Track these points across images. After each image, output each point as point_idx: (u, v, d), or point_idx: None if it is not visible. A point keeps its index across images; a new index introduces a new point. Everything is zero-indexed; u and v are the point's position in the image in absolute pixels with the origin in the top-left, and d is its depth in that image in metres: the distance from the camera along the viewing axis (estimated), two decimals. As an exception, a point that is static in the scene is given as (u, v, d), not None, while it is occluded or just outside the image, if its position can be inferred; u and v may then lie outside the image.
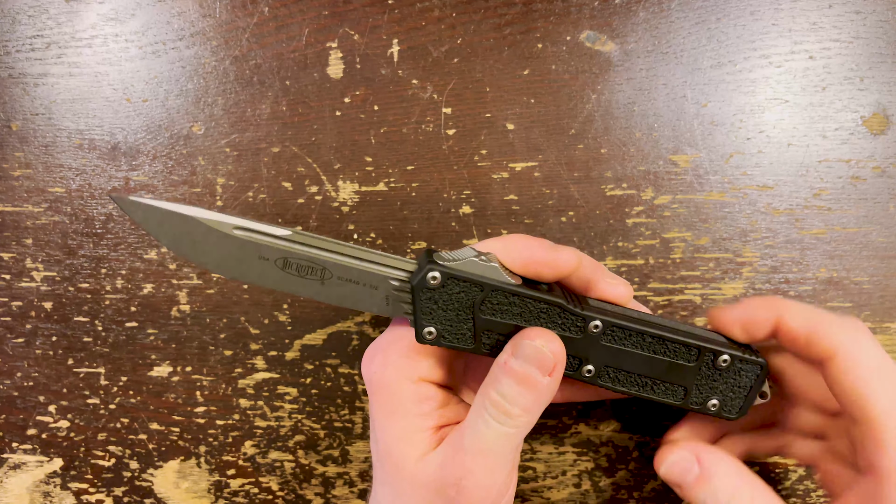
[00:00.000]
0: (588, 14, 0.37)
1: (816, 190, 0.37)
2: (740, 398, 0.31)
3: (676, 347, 0.30)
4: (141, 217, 0.28)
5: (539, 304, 0.28)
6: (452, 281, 0.28)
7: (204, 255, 0.28)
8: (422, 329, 0.28)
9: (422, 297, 0.28)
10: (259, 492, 0.42)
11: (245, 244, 0.28)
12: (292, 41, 0.38)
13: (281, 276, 0.28)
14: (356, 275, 0.28)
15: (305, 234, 0.28)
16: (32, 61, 0.40)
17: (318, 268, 0.28)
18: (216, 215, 0.28)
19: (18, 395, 0.42)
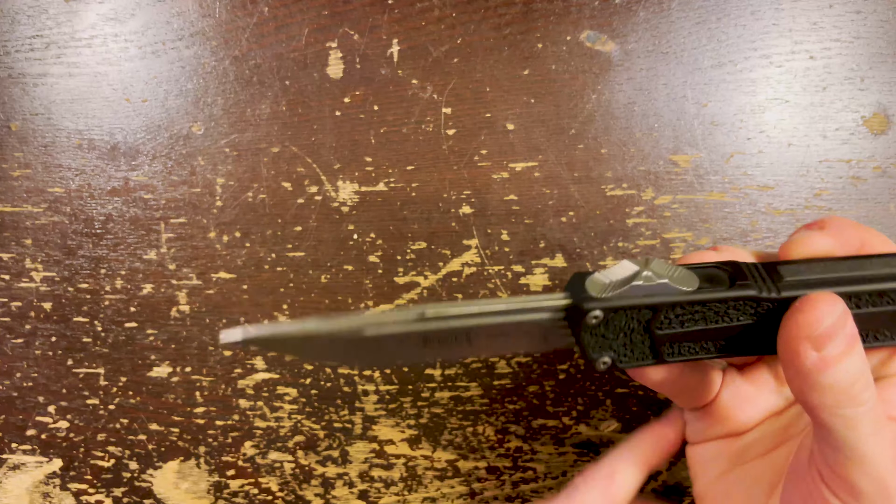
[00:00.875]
0: (588, 14, 0.37)
1: (817, 190, 0.37)
2: None
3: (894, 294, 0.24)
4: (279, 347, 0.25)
5: (724, 306, 0.24)
6: (617, 314, 0.24)
7: (346, 358, 0.26)
8: (596, 360, 0.25)
9: (584, 337, 0.25)
10: (259, 492, 0.42)
11: (381, 339, 0.25)
12: (292, 41, 0.38)
13: (425, 352, 0.26)
14: (503, 329, 0.25)
15: (438, 307, 0.25)
16: (32, 61, 0.40)
17: (462, 334, 0.25)
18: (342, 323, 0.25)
19: (18, 395, 0.42)
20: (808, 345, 0.22)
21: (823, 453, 0.23)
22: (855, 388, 0.21)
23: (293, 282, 0.40)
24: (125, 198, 0.40)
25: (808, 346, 0.22)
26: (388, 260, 0.39)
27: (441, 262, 0.39)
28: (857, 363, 0.22)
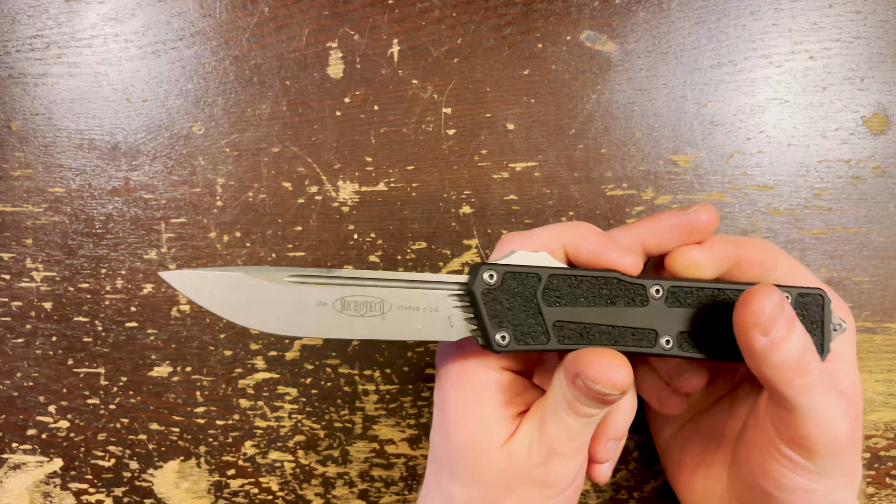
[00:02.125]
0: (588, 14, 0.37)
1: (817, 190, 0.37)
2: (817, 335, 0.29)
3: (738, 294, 0.28)
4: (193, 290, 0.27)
5: (597, 280, 0.28)
6: (509, 275, 0.27)
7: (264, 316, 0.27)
8: (494, 336, 0.28)
9: (484, 299, 0.27)
10: (259, 492, 0.42)
11: (301, 291, 0.27)
12: (292, 41, 0.38)
13: (341, 320, 0.27)
14: (415, 299, 0.28)
15: (358, 271, 0.28)
16: (32, 61, 0.40)
17: (377, 301, 0.27)
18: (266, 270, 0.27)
19: (18, 395, 0.42)
20: (757, 331, 0.26)
21: (780, 416, 0.27)
22: (802, 360, 0.26)
23: (293, 281, 0.40)
24: (126, 198, 0.40)
25: (756, 332, 0.26)
26: (389, 260, 0.39)
27: (441, 261, 0.39)
28: (800, 339, 0.26)
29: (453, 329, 0.28)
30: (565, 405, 0.28)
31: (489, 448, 0.29)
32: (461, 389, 0.30)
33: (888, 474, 0.39)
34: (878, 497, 0.39)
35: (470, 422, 0.29)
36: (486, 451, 0.29)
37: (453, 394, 0.30)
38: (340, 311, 0.27)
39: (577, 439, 0.28)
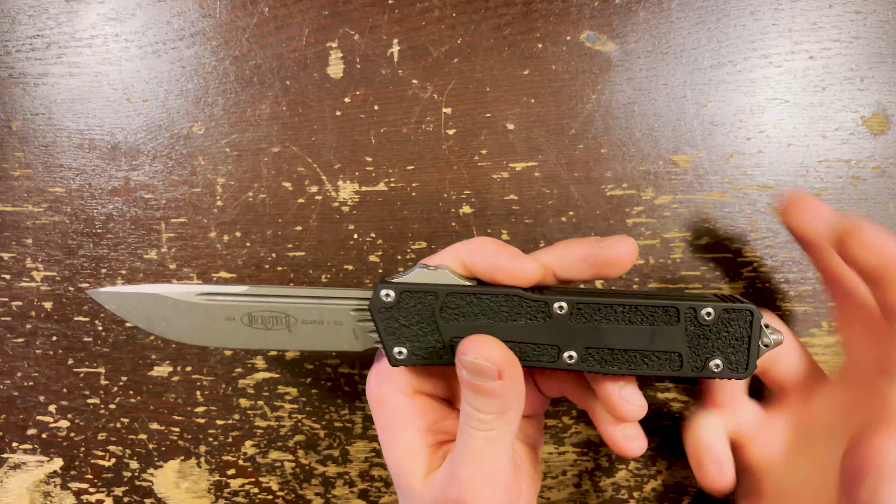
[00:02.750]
0: (588, 14, 0.37)
1: (817, 190, 0.37)
2: (742, 352, 0.28)
3: (652, 311, 0.28)
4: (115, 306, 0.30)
5: (497, 298, 0.28)
6: (406, 294, 0.28)
7: (177, 328, 0.30)
8: (391, 350, 0.28)
9: (381, 317, 0.28)
10: (259, 492, 0.42)
11: (210, 308, 0.29)
12: (292, 41, 0.38)
13: (250, 333, 0.29)
14: (318, 313, 0.29)
15: (263, 287, 0.29)
16: (32, 61, 0.40)
17: (282, 315, 0.29)
18: (179, 287, 0.30)
19: (18, 394, 0.42)
20: None
21: None
22: None
23: (294, 282, 0.40)
24: (126, 197, 0.40)
25: None
26: (389, 260, 0.39)
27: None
28: None
29: (358, 341, 0.29)
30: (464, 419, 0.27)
31: (412, 479, 0.29)
32: (381, 415, 0.30)
33: (888, 474, 0.39)
34: (878, 497, 0.39)
35: (394, 450, 0.30)
36: (409, 481, 0.29)
37: (377, 419, 0.30)
38: (248, 325, 0.29)
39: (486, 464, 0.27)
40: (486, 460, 0.27)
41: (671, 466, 0.40)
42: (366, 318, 0.29)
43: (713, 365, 0.29)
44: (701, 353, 0.29)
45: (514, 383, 0.27)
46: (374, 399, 0.30)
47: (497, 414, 0.27)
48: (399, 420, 0.30)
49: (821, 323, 0.38)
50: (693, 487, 0.40)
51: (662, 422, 0.39)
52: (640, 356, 0.29)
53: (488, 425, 0.27)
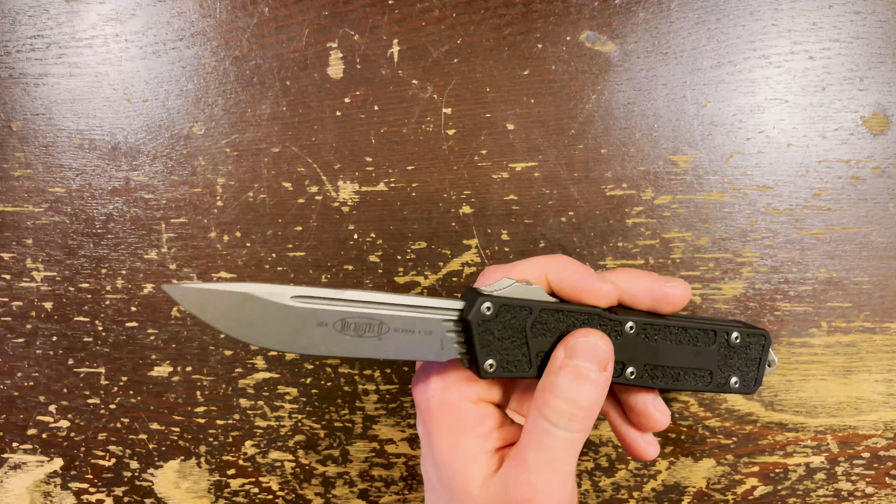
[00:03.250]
0: (588, 14, 0.37)
1: (816, 190, 0.37)
2: (753, 370, 0.32)
3: (698, 334, 0.31)
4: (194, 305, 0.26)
5: (581, 316, 0.30)
6: (504, 308, 0.29)
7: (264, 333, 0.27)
8: (483, 363, 0.29)
9: (478, 329, 0.28)
10: (259, 491, 0.42)
11: (304, 313, 0.27)
12: (292, 41, 0.38)
13: (339, 340, 0.28)
14: (411, 322, 0.28)
15: (361, 292, 0.28)
16: (33, 61, 0.40)
17: (376, 323, 0.28)
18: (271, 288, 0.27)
19: (19, 394, 0.42)
20: None
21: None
22: None
23: (294, 281, 0.40)
24: (126, 198, 0.40)
25: None
26: (389, 260, 0.39)
27: (441, 261, 0.39)
28: None
29: (443, 351, 0.29)
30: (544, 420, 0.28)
31: (470, 483, 0.29)
32: (444, 421, 0.30)
33: (888, 474, 0.39)
34: (878, 497, 0.39)
35: (455, 457, 0.29)
36: (466, 486, 0.29)
37: (438, 426, 0.30)
38: (340, 332, 0.28)
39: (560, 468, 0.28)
40: (562, 463, 0.28)
41: (671, 466, 0.40)
42: (456, 329, 0.29)
43: (733, 382, 0.32)
44: (725, 372, 0.32)
45: (609, 383, 0.29)
46: (438, 404, 0.30)
47: (588, 410, 0.28)
48: (464, 425, 0.30)
49: (820, 323, 0.38)
50: (693, 487, 0.40)
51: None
52: (683, 372, 0.31)
53: (577, 424, 0.28)
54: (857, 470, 0.39)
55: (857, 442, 0.39)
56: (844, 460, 0.39)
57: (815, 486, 0.39)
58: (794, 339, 0.38)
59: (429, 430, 0.30)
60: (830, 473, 0.39)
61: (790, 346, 0.38)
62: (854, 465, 0.39)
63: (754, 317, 0.38)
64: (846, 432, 0.39)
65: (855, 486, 0.39)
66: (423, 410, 0.30)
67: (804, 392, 0.38)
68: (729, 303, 0.38)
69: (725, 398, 0.39)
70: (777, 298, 0.38)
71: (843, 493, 0.39)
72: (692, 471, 0.39)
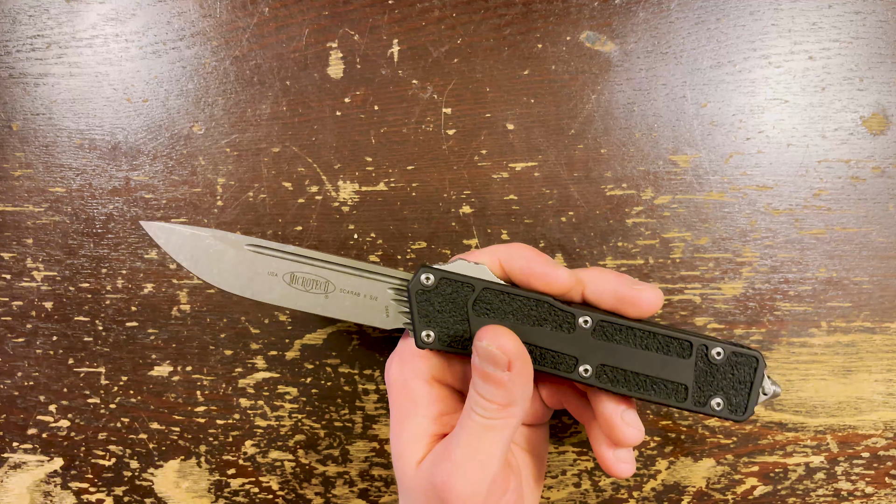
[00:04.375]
0: (588, 14, 0.37)
1: (816, 190, 0.37)
2: (743, 395, 0.30)
3: (668, 341, 0.29)
4: (164, 241, 0.31)
5: (529, 301, 0.29)
6: (445, 281, 0.29)
7: (219, 274, 0.31)
8: (420, 332, 0.29)
9: (418, 298, 0.29)
10: (259, 491, 0.42)
11: (256, 260, 0.30)
12: (292, 41, 0.38)
13: (288, 292, 0.30)
14: (357, 285, 0.30)
15: (311, 251, 0.30)
16: (33, 61, 0.40)
17: (323, 281, 0.30)
18: (230, 235, 0.31)
19: (19, 394, 0.42)
20: None
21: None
22: None
23: (294, 281, 0.40)
24: (126, 197, 0.40)
25: None
26: (389, 259, 0.39)
27: (441, 261, 0.39)
28: None
29: (389, 319, 0.31)
30: (468, 403, 0.28)
31: (407, 464, 0.29)
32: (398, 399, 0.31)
33: (888, 474, 0.39)
34: (878, 497, 0.39)
35: (400, 436, 0.30)
36: (405, 467, 0.30)
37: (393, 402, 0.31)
38: (289, 284, 0.30)
39: (480, 450, 0.27)
40: (482, 446, 0.28)
41: (671, 466, 0.40)
42: (401, 298, 0.30)
43: (714, 403, 0.30)
44: (706, 390, 0.30)
45: (522, 379, 0.28)
46: (393, 381, 0.31)
47: (500, 405, 0.27)
48: (412, 404, 0.30)
49: (820, 323, 0.38)
50: (693, 487, 0.40)
51: (661, 422, 0.39)
52: (650, 381, 0.30)
53: (490, 413, 0.28)
54: (856, 470, 0.39)
55: (856, 442, 0.39)
56: (844, 460, 0.39)
57: (814, 485, 0.39)
58: (794, 339, 0.38)
59: (389, 407, 0.31)
60: (830, 473, 0.39)
61: (790, 346, 0.38)
62: (854, 465, 0.39)
63: (754, 317, 0.38)
64: (846, 432, 0.39)
65: (855, 485, 0.39)
66: (387, 386, 0.32)
67: (804, 392, 0.38)
68: (729, 303, 0.38)
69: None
70: (777, 298, 0.38)
71: (843, 493, 0.39)
72: (692, 471, 0.39)
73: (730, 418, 0.30)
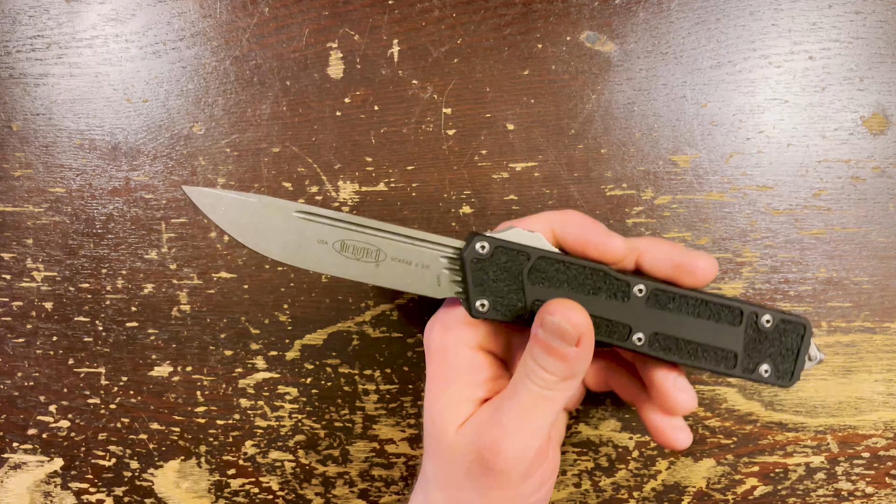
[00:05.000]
0: (588, 14, 0.37)
1: (816, 190, 0.37)
2: (790, 362, 0.30)
3: (720, 309, 0.30)
4: (209, 208, 0.29)
5: (584, 270, 0.29)
6: (500, 250, 0.29)
7: (266, 241, 0.29)
8: (475, 302, 0.29)
9: (472, 267, 0.29)
10: (259, 491, 0.42)
11: (306, 227, 0.29)
12: (292, 41, 0.38)
13: (338, 260, 0.29)
14: (409, 253, 0.29)
15: (362, 218, 0.29)
16: (33, 61, 0.40)
17: (374, 249, 0.29)
18: (279, 201, 0.29)
19: (19, 394, 0.42)
20: None
21: None
22: None
23: (294, 281, 0.40)
24: (126, 198, 0.40)
25: None
26: (389, 260, 0.39)
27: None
28: None
29: (440, 288, 0.30)
30: (524, 372, 0.28)
31: (446, 427, 0.29)
32: (439, 364, 0.30)
33: (888, 474, 0.39)
34: (878, 497, 0.39)
35: (439, 400, 0.30)
36: (443, 431, 0.29)
37: (431, 368, 0.31)
38: (339, 252, 0.29)
39: (531, 418, 0.28)
40: (534, 415, 0.28)
41: (671, 466, 0.40)
42: (453, 267, 0.30)
43: (763, 369, 0.30)
44: (754, 357, 0.30)
45: (587, 354, 0.28)
46: (437, 347, 0.31)
47: (561, 378, 0.28)
48: (454, 371, 0.30)
49: (820, 323, 0.38)
50: (693, 487, 0.40)
51: (662, 422, 0.39)
52: (701, 349, 0.30)
53: (549, 385, 0.28)
54: (857, 470, 0.39)
55: (857, 442, 0.39)
56: (844, 460, 0.39)
57: (815, 485, 0.39)
58: (794, 339, 0.38)
59: (427, 372, 0.31)
60: (830, 473, 0.39)
61: (790, 345, 0.38)
62: (854, 465, 0.39)
63: (754, 317, 0.38)
64: (846, 432, 0.39)
65: (855, 485, 0.39)
66: (426, 352, 0.31)
67: (804, 392, 0.38)
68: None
69: (725, 398, 0.39)
70: (777, 298, 0.38)
71: (843, 493, 0.39)
72: (692, 471, 0.39)
73: (777, 384, 0.31)
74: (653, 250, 0.30)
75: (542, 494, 0.30)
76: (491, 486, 0.28)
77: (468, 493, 0.29)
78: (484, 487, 0.28)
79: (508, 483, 0.28)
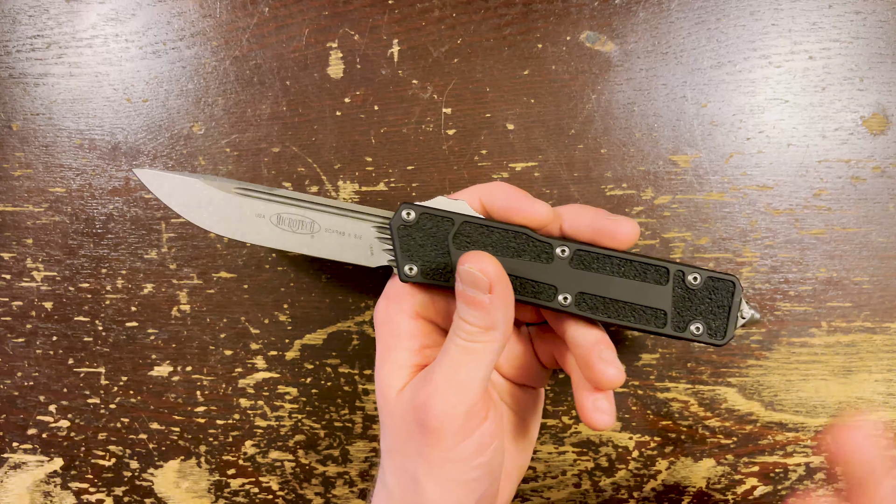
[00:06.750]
0: (588, 14, 0.37)
1: (816, 190, 0.37)
2: (722, 319, 0.30)
3: (645, 268, 0.30)
4: (156, 187, 0.32)
5: (507, 233, 0.30)
6: (425, 216, 0.31)
7: (209, 217, 0.32)
8: (403, 266, 0.31)
9: (400, 234, 0.31)
10: (259, 491, 0.42)
11: (244, 203, 0.32)
12: (292, 41, 0.38)
13: (275, 232, 0.32)
14: (342, 225, 0.31)
15: (296, 192, 0.32)
16: (33, 61, 0.40)
17: (309, 221, 0.32)
18: (220, 179, 0.32)
19: (19, 394, 0.42)
20: None
21: None
22: None
23: (294, 281, 0.40)
24: (126, 197, 0.40)
25: None
26: (389, 260, 0.39)
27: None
28: None
29: (373, 257, 0.32)
30: (452, 329, 0.29)
31: (388, 393, 0.30)
32: (383, 334, 0.32)
33: (888, 474, 0.39)
34: (878, 497, 0.39)
35: (383, 367, 0.31)
36: (386, 397, 0.30)
37: (379, 338, 0.32)
38: (276, 225, 0.32)
39: (459, 373, 0.28)
40: (461, 369, 0.28)
41: (671, 466, 0.40)
42: (384, 236, 0.31)
43: (694, 328, 0.31)
44: (685, 315, 0.31)
45: (503, 301, 0.28)
46: (380, 318, 0.32)
47: (482, 328, 0.28)
48: (395, 338, 0.31)
49: (820, 323, 0.38)
50: (693, 487, 0.40)
51: (662, 422, 0.39)
52: (629, 308, 0.31)
53: (472, 337, 0.28)
54: (857, 470, 0.39)
55: (857, 442, 0.39)
56: (844, 460, 0.39)
57: (815, 486, 0.39)
58: (794, 339, 0.38)
59: (376, 346, 0.32)
60: (830, 473, 0.39)
61: (790, 346, 0.38)
62: (854, 465, 0.39)
63: (754, 317, 0.38)
64: (846, 432, 0.39)
65: (855, 486, 0.39)
66: (375, 326, 0.32)
67: (804, 392, 0.38)
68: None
69: (725, 398, 0.39)
70: (777, 298, 0.38)
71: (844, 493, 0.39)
72: (692, 471, 0.39)
73: (710, 343, 0.31)
74: (573, 215, 0.31)
75: (484, 459, 0.29)
76: (428, 444, 0.28)
77: (413, 458, 0.29)
78: (422, 448, 0.28)
79: (443, 442, 0.28)
